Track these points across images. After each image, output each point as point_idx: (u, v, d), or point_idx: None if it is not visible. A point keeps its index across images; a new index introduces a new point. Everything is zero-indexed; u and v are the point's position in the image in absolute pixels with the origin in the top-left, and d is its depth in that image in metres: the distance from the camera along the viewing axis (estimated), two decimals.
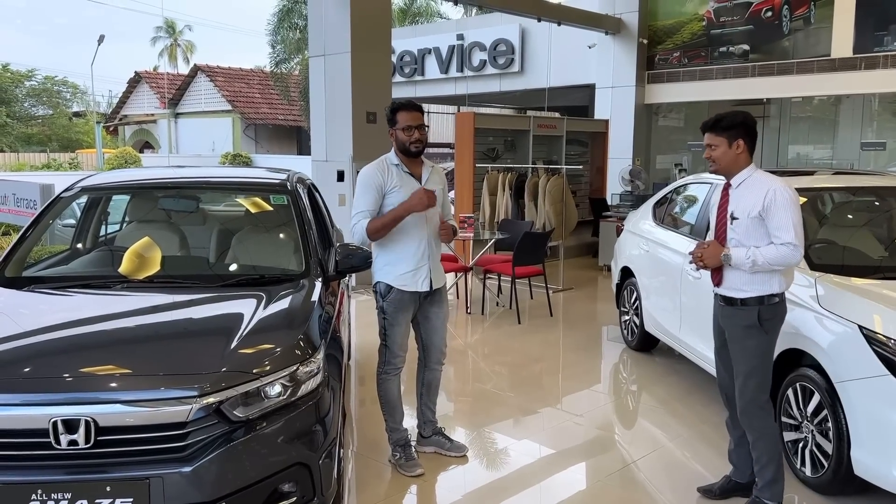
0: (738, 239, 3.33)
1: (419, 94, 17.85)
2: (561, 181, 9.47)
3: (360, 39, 8.61)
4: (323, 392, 2.94)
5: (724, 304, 3.45)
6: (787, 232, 3.19)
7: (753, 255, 3.23)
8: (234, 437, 2.67)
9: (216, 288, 3.45)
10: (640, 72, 12.87)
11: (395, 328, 3.87)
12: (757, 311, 3.30)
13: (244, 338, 2.91)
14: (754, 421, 3.37)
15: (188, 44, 48.29)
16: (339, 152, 8.80)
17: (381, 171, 3.78)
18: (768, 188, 3.25)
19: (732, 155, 3.34)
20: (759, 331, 3.31)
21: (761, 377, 3.36)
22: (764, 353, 3.36)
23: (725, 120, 3.35)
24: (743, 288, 3.32)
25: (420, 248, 3.82)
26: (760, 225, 3.26)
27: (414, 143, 3.77)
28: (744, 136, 3.33)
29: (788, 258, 3.20)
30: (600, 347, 6.71)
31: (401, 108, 3.79)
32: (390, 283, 3.83)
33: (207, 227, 4.13)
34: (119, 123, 33.87)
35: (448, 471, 4.04)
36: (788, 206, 3.21)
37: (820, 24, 10.96)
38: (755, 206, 3.25)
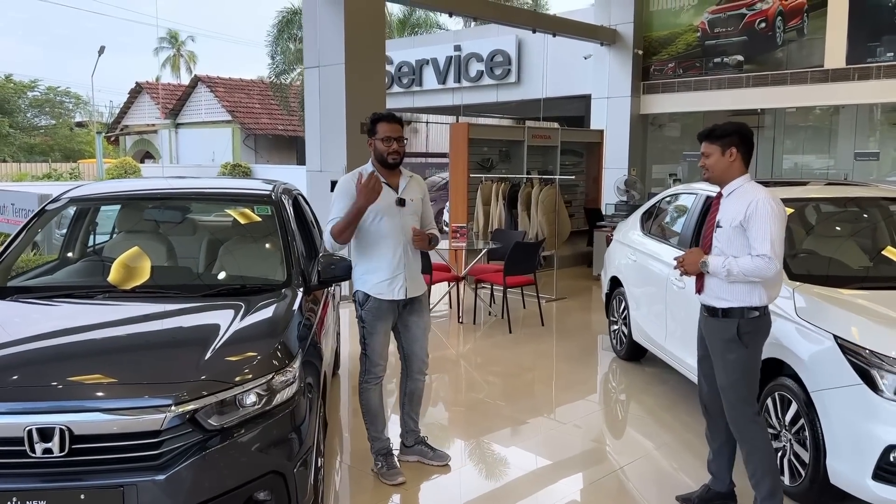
0: (721, 247, 3.35)
1: (417, 104, 17.95)
2: (554, 191, 9.51)
3: (355, 51, 8.67)
4: (299, 401, 2.98)
5: (706, 315, 3.47)
6: (763, 244, 3.19)
7: (729, 265, 3.24)
8: (208, 446, 2.70)
9: (197, 298, 3.48)
10: (635, 82, 12.91)
11: (374, 337, 3.90)
12: (736, 324, 3.29)
13: (220, 347, 2.94)
14: (744, 434, 3.34)
15: (191, 54, 48.57)
16: (333, 163, 8.84)
17: (357, 180, 3.79)
18: (752, 199, 3.25)
19: (725, 163, 3.35)
20: (739, 344, 3.29)
21: (744, 391, 3.33)
22: (745, 367, 3.33)
23: (720, 129, 3.38)
24: (723, 297, 3.33)
25: (395, 257, 3.85)
26: (741, 235, 3.27)
27: (392, 154, 3.81)
28: (737, 145, 3.34)
29: (762, 270, 3.19)
30: (589, 357, 6.73)
31: (381, 119, 3.83)
32: (367, 291, 3.86)
33: (191, 238, 4.18)
34: (120, 134, 34.03)
35: (430, 480, 4.06)
36: (769, 218, 3.20)
37: (813, 35, 11.01)
38: (737, 216, 3.27)
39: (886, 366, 3.16)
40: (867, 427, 3.16)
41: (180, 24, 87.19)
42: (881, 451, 3.10)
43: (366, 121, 3.91)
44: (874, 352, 3.22)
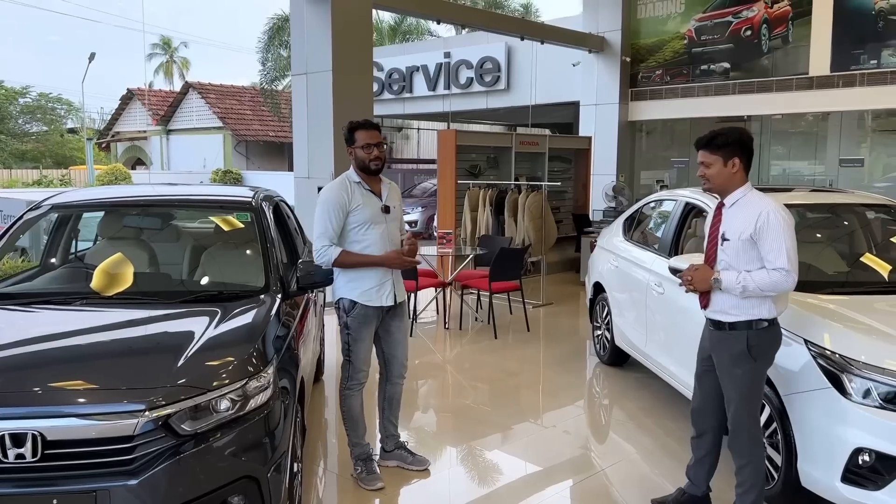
0: (728, 261, 3.24)
1: (407, 110, 18.02)
2: (540, 197, 9.56)
3: (342, 58, 8.71)
4: (273, 406, 3.00)
5: (712, 329, 3.36)
6: (779, 257, 3.08)
7: (744, 281, 3.12)
8: (182, 451, 2.72)
9: (175, 304, 3.50)
10: (623, 89, 13.00)
11: (360, 343, 3.92)
12: (745, 337, 3.20)
13: (195, 353, 2.96)
14: (744, 448, 3.28)
15: (184, 60, 48.58)
16: (320, 169, 8.87)
17: (345, 190, 3.83)
18: (761, 210, 3.14)
19: (727, 174, 3.23)
20: (748, 358, 3.20)
21: (753, 406, 3.27)
22: (754, 381, 3.25)
23: (721, 137, 3.23)
24: (730, 311, 3.23)
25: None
26: (752, 248, 3.17)
27: (373, 160, 3.83)
28: (740, 155, 3.22)
29: (781, 284, 3.09)
30: (573, 362, 6.76)
31: (359, 126, 3.86)
32: (355, 298, 3.87)
33: (171, 245, 4.20)
34: (111, 140, 33.99)
35: (410, 484, 4.08)
36: (782, 229, 3.10)
37: (798, 42, 11.11)
38: (747, 229, 3.16)
39: (855, 370, 3.20)
40: (836, 430, 3.21)
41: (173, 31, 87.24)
42: (849, 454, 3.14)
43: (343, 130, 3.92)
44: (843, 356, 3.26)
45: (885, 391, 3.12)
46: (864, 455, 3.11)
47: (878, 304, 3.73)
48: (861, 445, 3.11)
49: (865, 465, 3.12)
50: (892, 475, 3.03)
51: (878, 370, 3.15)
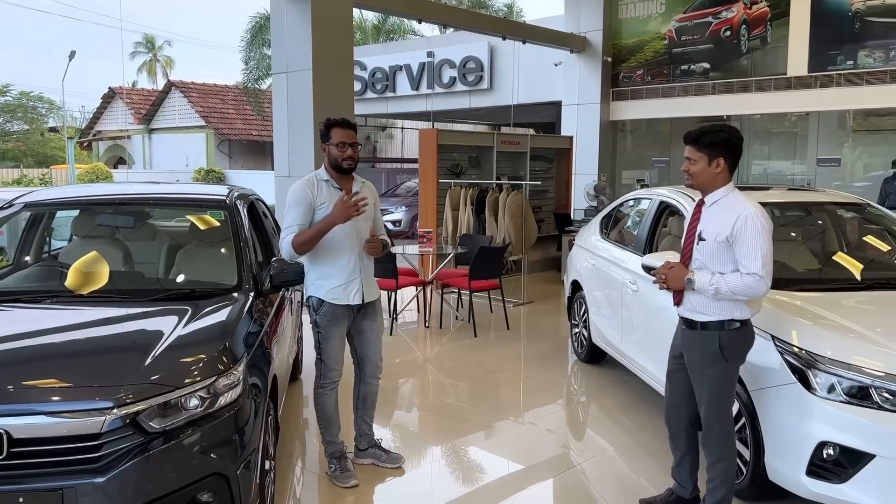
0: (703, 261, 3.22)
1: (391, 109, 18.02)
2: (520, 197, 9.60)
3: (322, 57, 8.70)
4: (243, 403, 2.99)
5: (684, 327, 3.36)
6: (754, 262, 3.07)
7: (717, 283, 3.11)
8: (150, 448, 2.71)
9: (147, 302, 3.49)
10: (604, 89, 13.07)
11: (330, 342, 3.92)
12: (718, 338, 3.19)
13: (164, 350, 2.96)
14: (716, 446, 3.29)
15: (167, 59, 48.25)
16: (301, 168, 8.84)
17: (311, 187, 3.82)
18: (740, 213, 3.12)
19: (711, 173, 3.21)
20: (720, 358, 3.20)
21: (725, 405, 3.27)
22: (726, 380, 3.25)
23: (708, 135, 3.19)
24: (703, 311, 3.22)
25: (351, 262, 3.87)
26: (727, 250, 3.15)
27: (346, 159, 3.82)
28: (726, 156, 3.18)
29: (753, 289, 3.08)
30: (551, 360, 6.79)
31: (335, 124, 3.85)
32: (322, 297, 3.87)
33: (144, 243, 4.19)
34: (93, 139, 33.70)
35: (384, 482, 4.09)
36: (759, 234, 3.08)
37: (776, 43, 11.23)
38: (723, 230, 3.14)
39: (819, 365, 3.25)
40: (801, 425, 3.25)
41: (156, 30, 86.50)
42: (814, 448, 3.18)
43: (320, 126, 3.91)
44: (809, 352, 3.31)
45: (849, 386, 3.16)
46: (828, 449, 3.16)
47: (845, 301, 3.79)
48: (825, 439, 3.15)
49: (829, 459, 3.17)
50: (855, 468, 3.08)
51: (843, 365, 3.20)
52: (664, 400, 3.71)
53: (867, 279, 4.16)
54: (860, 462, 3.07)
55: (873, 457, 3.03)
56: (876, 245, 4.80)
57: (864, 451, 3.05)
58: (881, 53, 10.34)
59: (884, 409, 3.07)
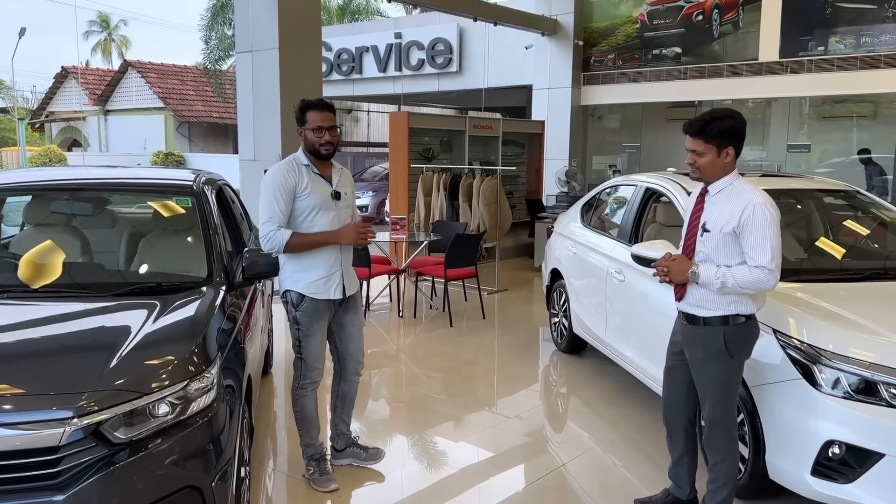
0: (707, 253, 3.07)
1: (357, 92, 17.64)
2: (495, 182, 9.40)
3: (289, 36, 8.37)
4: (218, 409, 2.75)
5: (686, 323, 3.20)
6: (762, 254, 2.92)
7: (724, 276, 2.96)
8: (115, 461, 2.47)
9: (108, 297, 3.20)
10: (575, 73, 12.92)
11: (311, 339, 3.67)
12: (722, 333, 3.05)
13: (129, 352, 2.70)
14: (720, 445, 3.15)
15: (123, 39, 46.75)
16: (267, 152, 8.52)
17: (292, 172, 3.54)
18: (748, 202, 2.97)
19: (721, 164, 3.04)
20: (725, 354, 3.05)
21: (730, 403, 3.14)
22: (731, 377, 3.11)
23: (715, 125, 3.01)
24: (707, 306, 3.07)
25: (332, 255, 3.64)
26: (734, 241, 3.00)
27: (324, 145, 3.55)
28: (734, 143, 3.02)
29: (761, 283, 2.95)
30: (531, 350, 6.65)
31: (311, 106, 3.56)
32: (302, 291, 3.62)
33: (104, 232, 3.87)
34: (45, 120, 32.49)
35: (364, 486, 3.88)
36: (768, 225, 2.93)
37: (748, 28, 11.18)
38: (730, 221, 2.99)
39: (825, 360, 3.12)
40: (807, 422, 3.12)
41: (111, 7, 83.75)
42: (820, 447, 3.06)
43: (295, 108, 3.65)
44: (813, 346, 3.18)
45: (856, 381, 3.05)
46: (834, 448, 3.04)
47: (846, 293, 3.67)
48: (832, 438, 3.03)
49: (835, 458, 3.05)
50: (863, 468, 2.97)
51: (850, 360, 3.08)
52: (661, 397, 3.56)
53: (865, 269, 4.05)
54: (869, 461, 2.95)
55: (882, 456, 2.91)
56: (866, 233, 4.71)
57: (874, 451, 2.93)
58: (852, 39, 10.35)
59: (893, 406, 2.95)
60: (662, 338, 3.78)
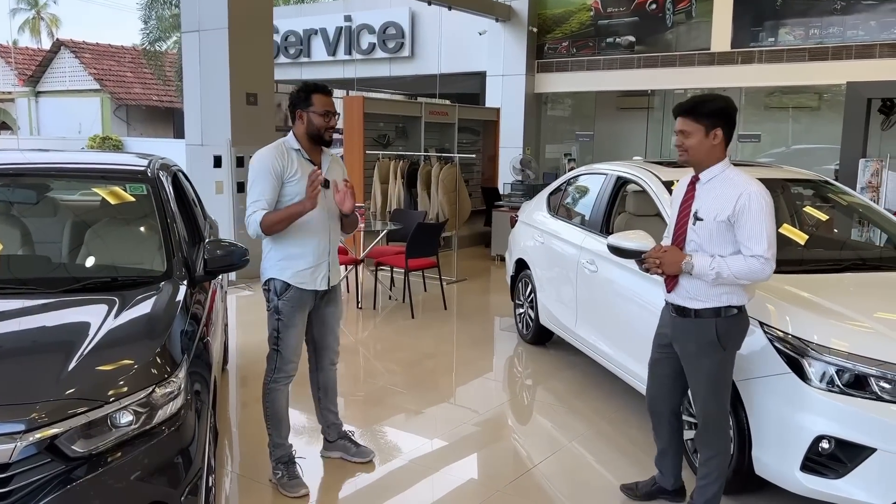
0: (699, 242, 2.99)
1: (305, 76, 17.16)
2: (454, 170, 9.23)
3: (239, 15, 8.02)
4: (186, 416, 2.52)
5: (675, 315, 3.11)
6: (759, 243, 2.86)
7: (719, 267, 2.89)
8: (73, 478, 2.23)
9: (57, 294, 2.92)
10: (530, 60, 12.83)
11: (291, 330, 3.51)
12: (714, 325, 2.97)
13: (86, 356, 2.44)
14: (713, 440, 3.10)
15: (53, 17, 44.64)
16: (215, 136, 8.16)
17: (280, 156, 3.40)
18: (742, 191, 2.90)
19: (708, 145, 2.97)
20: (717, 347, 2.99)
21: (723, 397, 3.07)
22: (724, 370, 3.05)
23: (705, 104, 2.96)
24: (699, 297, 2.99)
25: (322, 245, 3.52)
26: (727, 230, 2.93)
27: (329, 129, 3.46)
28: (723, 126, 2.96)
29: (757, 273, 2.88)
30: (494, 341, 6.54)
31: (317, 90, 3.45)
32: (288, 280, 3.46)
33: (51, 222, 3.55)
34: None
35: (336, 491, 3.69)
36: (763, 213, 2.87)
37: (701, 18, 11.26)
38: (724, 210, 2.92)
39: (814, 353, 3.07)
40: (796, 417, 3.07)
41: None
42: (810, 442, 3.01)
43: (293, 90, 3.50)
44: (801, 339, 3.13)
45: (847, 375, 3.00)
46: (824, 442, 2.99)
47: (832, 284, 3.64)
48: (822, 433, 2.98)
49: (825, 453, 3.00)
50: (854, 463, 2.93)
51: (841, 354, 3.03)
52: (646, 389, 3.48)
53: (845, 260, 4.05)
54: (859, 456, 2.91)
55: (874, 451, 2.88)
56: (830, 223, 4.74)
57: (865, 445, 2.89)
58: (801, 31, 10.52)
59: (883, 400, 2.92)
60: (637, 329, 3.72)
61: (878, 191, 8.60)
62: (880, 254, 4.44)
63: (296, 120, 3.46)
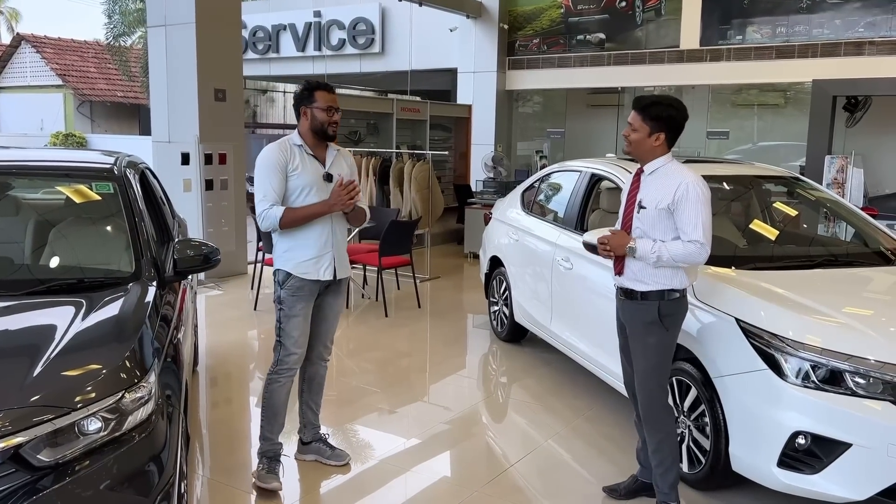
0: (644, 229, 3.20)
1: (274, 72, 17.00)
2: (427, 167, 9.19)
3: (206, 9, 7.88)
4: (157, 422, 2.44)
5: (623, 298, 3.31)
6: (696, 229, 3.08)
7: (659, 250, 3.10)
8: (39, 488, 2.14)
9: (20, 296, 2.82)
10: (501, 57, 12.80)
11: (293, 320, 3.54)
12: (657, 307, 3.17)
13: (52, 361, 2.35)
14: (658, 424, 3.24)
15: (12, 11, 43.55)
16: (183, 132, 8.01)
17: (283, 151, 3.49)
18: (681, 181, 3.12)
19: (649, 146, 3.21)
20: (660, 327, 3.18)
21: (662, 376, 3.24)
22: (664, 350, 3.23)
23: (655, 108, 3.18)
24: (644, 280, 3.19)
25: (323, 235, 3.53)
26: (668, 218, 3.14)
27: (332, 124, 3.52)
28: (666, 131, 3.19)
29: (694, 256, 3.09)
30: (469, 339, 6.51)
31: (320, 87, 3.53)
32: (290, 270, 3.52)
33: (14, 221, 3.43)
34: None
35: (310, 492, 3.63)
36: (699, 202, 3.09)
37: (670, 15, 11.33)
38: (664, 199, 3.13)
39: (790, 349, 3.09)
40: (773, 413, 3.09)
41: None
42: (787, 438, 3.03)
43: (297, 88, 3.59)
44: (777, 335, 3.14)
45: (822, 371, 3.02)
46: (800, 438, 3.01)
47: (804, 280, 3.67)
48: (799, 429, 3.00)
49: (801, 449, 3.02)
50: (829, 458, 2.95)
51: (815, 349, 3.05)
52: (622, 375, 3.55)
53: (818, 256, 4.08)
54: (835, 452, 2.93)
55: (850, 446, 2.90)
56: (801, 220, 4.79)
57: (841, 441, 2.92)
58: (768, 30, 10.65)
59: (857, 396, 2.94)
60: (612, 326, 3.69)
61: (843, 187, 8.76)
62: (852, 250, 4.49)
63: (300, 117, 3.55)
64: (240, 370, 5.60)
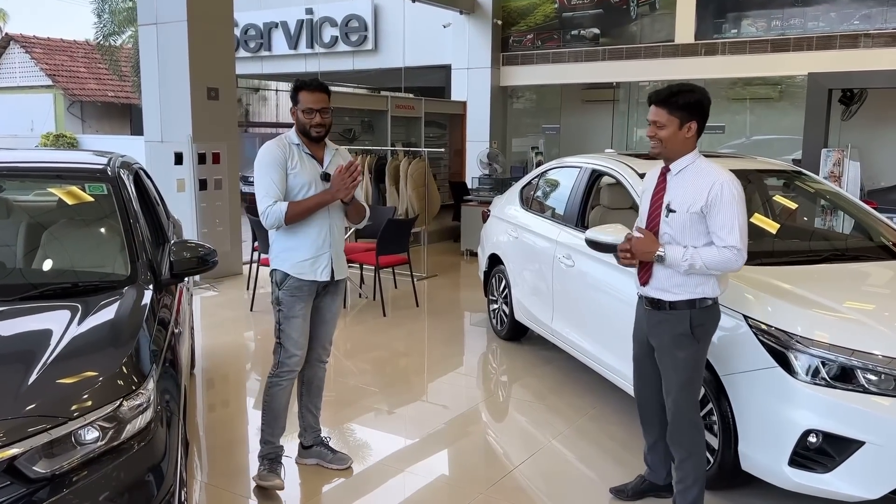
0: (673, 234, 2.97)
1: (266, 70, 16.88)
2: (423, 164, 9.11)
3: (198, 7, 7.78)
4: (156, 430, 2.37)
5: (650, 308, 3.08)
6: (730, 234, 2.84)
7: (691, 257, 2.86)
8: (35, 500, 2.08)
9: (13, 301, 2.74)
10: (495, 53, 12.72)
11: (292, 322, 3.48)
12: (688, 317, 2.95)
13: (46, 369, 2.28)
14: (685, 439, 3.04)
15: (0, 12, 43.20)
16: (176, 132, 7.92)
17: (282, 148, 3.45)
18: (714, 181, 2.88)
19: (681, 139, 2.94)
20: (691, 339, 2.96)
21: (694, 391, 3.04)
22: (696, 364, 3.01)
23: (682, 96, 2.92)
24: (673, 290, 2.97)
25: (321, 235, 3.48)
26: (700, 222, 2.91)
27: (315, 126, 3.43)
28: (698, 119, 2.94)
29: (730, 263, 2.86)
30: (468, 338, 6.44)
31: (303, 87, 3.45)
32: (287, 271, 3.47)
33: (6, 224, 3.35)
34: None
35: (310, 495, 3.56)
36: (734, 203, 2.85)
37: (665, 9, 11.28)
38: (697, 201, 2.89)
39: (800, 346, 3.04)
40: (784, 412, 3.03)
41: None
42: (798, 437, 2.98)
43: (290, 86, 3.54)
44: (788, 332, 3.09)
45: (833, 367, 2.97)
46: (812, 436, 2.96)
47: (814, 276, 3.61)
48: (811, 427, 2.95)
49: (813, 447, 2.97)
50: (842, 456, 2.90)
51: (824, 346, 3.00)
52: (633, 386, 3.44)
53: (824, 251, 4.04)
54: (848, 450, 2.89)
55: (862, 444, 2.85)
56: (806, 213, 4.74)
57: (853, 439, 2.87)
58: (763, 23, 10.61)
59: (870, 392, 2.89)
60: (615, 323, 3.66)
61: (839, 180, 8.73)
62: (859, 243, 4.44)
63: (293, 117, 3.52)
64: (237, 372, 5.53)
